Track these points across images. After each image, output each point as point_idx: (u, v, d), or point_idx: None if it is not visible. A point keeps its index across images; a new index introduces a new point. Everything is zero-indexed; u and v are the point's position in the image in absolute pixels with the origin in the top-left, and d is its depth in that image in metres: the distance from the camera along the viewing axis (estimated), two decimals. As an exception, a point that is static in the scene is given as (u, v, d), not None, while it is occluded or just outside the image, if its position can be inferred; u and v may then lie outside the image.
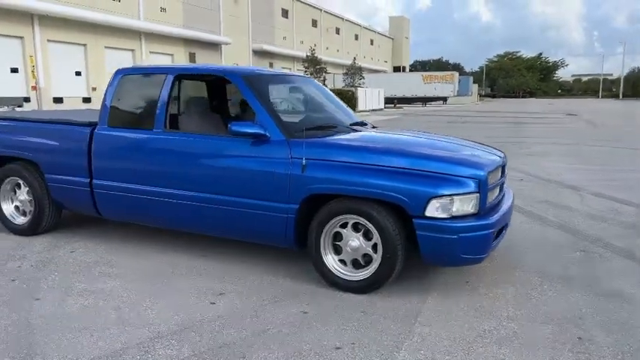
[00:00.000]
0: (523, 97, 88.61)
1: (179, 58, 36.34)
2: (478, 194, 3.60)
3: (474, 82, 72.26)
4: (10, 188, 5.35)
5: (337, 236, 3.87)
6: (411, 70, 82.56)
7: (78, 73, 27.82)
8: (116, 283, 4.04)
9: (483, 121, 26.11)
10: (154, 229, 5.22)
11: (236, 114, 5.40)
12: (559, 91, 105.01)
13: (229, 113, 5.57)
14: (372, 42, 72.24)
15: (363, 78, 44.13)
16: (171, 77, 4.56)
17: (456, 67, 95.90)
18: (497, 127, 21.64)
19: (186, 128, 4.60)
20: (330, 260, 3.87)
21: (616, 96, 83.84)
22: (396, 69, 77.94)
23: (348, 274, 3.83)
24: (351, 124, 4.84)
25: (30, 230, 5.24)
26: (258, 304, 3.63)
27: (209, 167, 4.22)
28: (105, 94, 4.85)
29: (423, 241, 3.54)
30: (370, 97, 38.70)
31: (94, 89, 27.98)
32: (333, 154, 3.86)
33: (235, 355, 2.92)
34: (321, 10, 57.95)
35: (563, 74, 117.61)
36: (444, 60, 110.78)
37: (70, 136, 4.89)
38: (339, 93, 37.63)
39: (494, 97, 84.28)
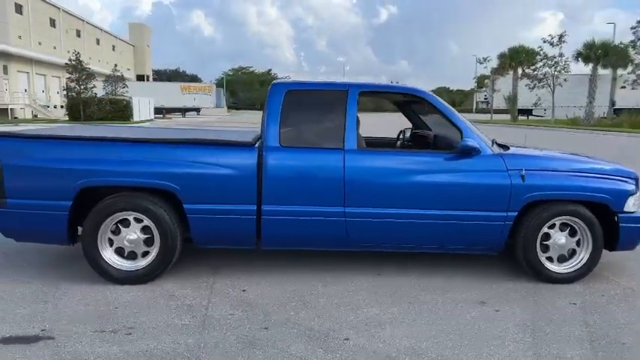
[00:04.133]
0: (260, 109, 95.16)
1: None
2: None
3: (219, 94, 74.33)
4: (110, 227, 4.23)
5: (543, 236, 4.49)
6: (154, 80, 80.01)
7: None
8: (384, 311, 3.86)
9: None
10: (278, 254, 4.87)
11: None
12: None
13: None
14: (113, 48, 67.65)
15: (127, 86, 41.37)
16: (355, 94, 4.44)
17: (195, 79, 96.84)
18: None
19: (370, 145, 4.53)
20: (544, 258, 4.48)
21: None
22: (140, 78, 74.55)
23: (559, 268, 4.50)
24: None
25: (149, 275, 4.28)
26: (525, 306, 4.03)
27: (423, 183, 4.31)
28: (268, 111, 4.36)
29: (624, 232, 4.46)
30: (144, 106, 36.69)
31: None
32: (546, 164, 4.50)
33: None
34: (59, 8, 51.81)
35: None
36: (181, 70, 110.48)
37: (230, 158, 4.23)
38: (114, 102, 34.68)
39: (237, 109, 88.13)
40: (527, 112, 46.60)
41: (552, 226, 4.46)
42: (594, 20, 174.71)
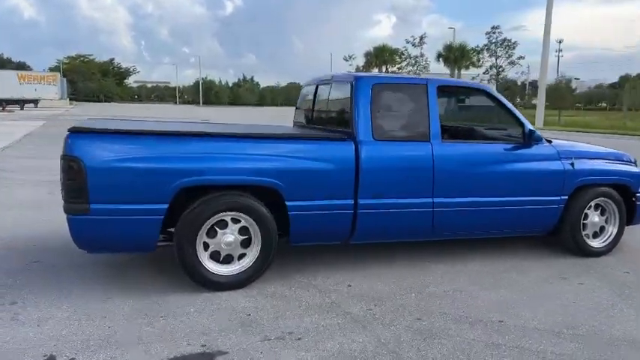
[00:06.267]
0: (106, 101, 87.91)
1: None
2: (638, 176, 5.59)
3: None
4: (205, 230, 3.86)
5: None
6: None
7: None
8: (497, 294, 4.10)
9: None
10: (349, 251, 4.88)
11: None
12: (136, 96, 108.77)
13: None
14: None
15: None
16: (434, 87, 4.57)
17: (22, 66, 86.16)
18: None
19: (448, 137, 4.78)
20: (584, 237, 5.10)
21: (189, 102, 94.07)
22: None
23: (596, 243, 5.15)
24: None
25: (252, 277, 4.02)
26: (597, 277, 4.56)
27: (504, 171, 4.64)
28: (357, 105, 4.29)
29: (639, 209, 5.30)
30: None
31: None
32: (585, 153, 5.14)
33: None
34: None
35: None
36: (5, 57, 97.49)
37: (330, 153, 4.11)
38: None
39: (77, 100, 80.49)
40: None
41: (589, 207, 5.11)
42: (422, 24, 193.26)
